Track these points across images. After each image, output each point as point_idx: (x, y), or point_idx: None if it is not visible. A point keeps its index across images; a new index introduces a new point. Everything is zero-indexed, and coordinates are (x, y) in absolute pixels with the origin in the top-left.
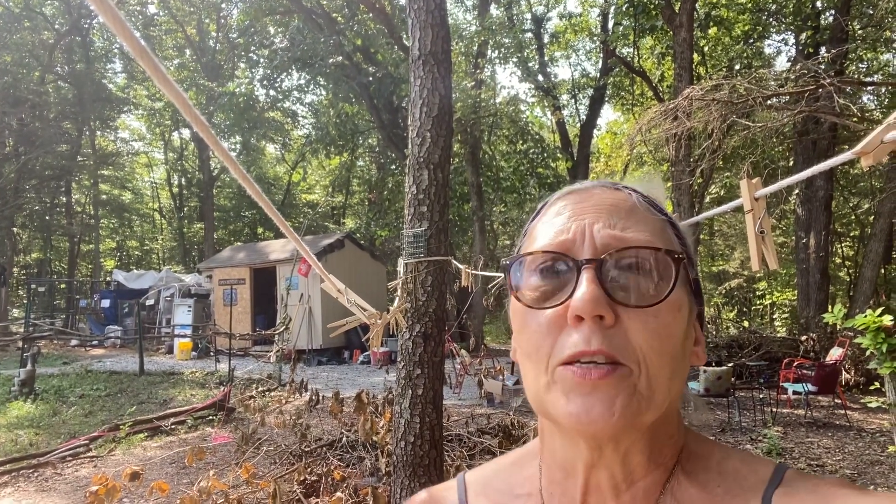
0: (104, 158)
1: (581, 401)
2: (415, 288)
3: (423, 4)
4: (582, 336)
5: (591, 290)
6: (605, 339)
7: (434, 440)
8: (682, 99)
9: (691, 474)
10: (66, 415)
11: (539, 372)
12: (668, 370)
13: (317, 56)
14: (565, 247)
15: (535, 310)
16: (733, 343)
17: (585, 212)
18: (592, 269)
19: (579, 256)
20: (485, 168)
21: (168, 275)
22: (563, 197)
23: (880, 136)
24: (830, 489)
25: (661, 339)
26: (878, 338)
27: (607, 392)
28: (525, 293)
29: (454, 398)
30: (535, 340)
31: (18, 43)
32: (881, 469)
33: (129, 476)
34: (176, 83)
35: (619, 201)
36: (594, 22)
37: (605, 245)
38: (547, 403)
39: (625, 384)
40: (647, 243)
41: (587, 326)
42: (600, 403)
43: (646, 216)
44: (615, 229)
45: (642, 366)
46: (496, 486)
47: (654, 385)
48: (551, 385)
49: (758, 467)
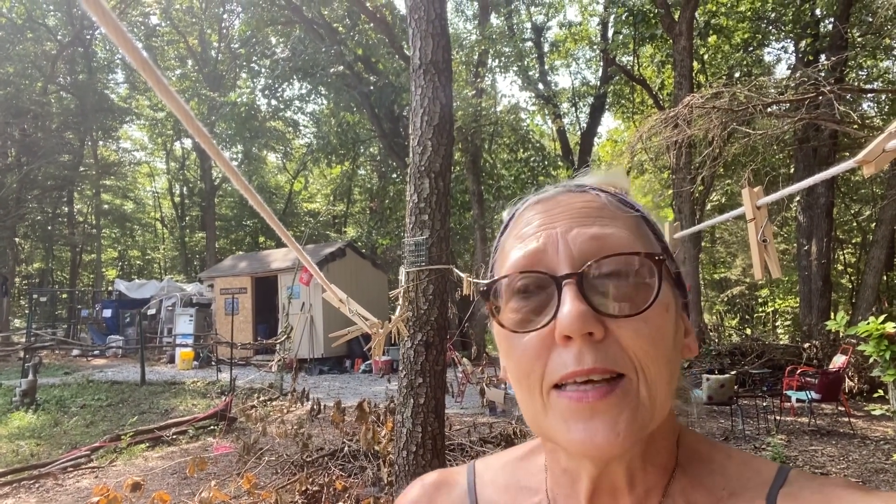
0: (106, 168)
1: (583, 426)
2: (416, 296)
3: (423, 14)
4: (573, 355)
5: (576, 308)
6: (598, 353)
7: (436, 449)
8: (682, 107)
9: (695, 477)
10: (68, 425)
11: (533, 396)
12: (667, 373)
13: (318, 66)
14: (540, 261)
15: (520, 333)
16: (736, 351)
17: (555, 220)
18: (574, 283)
19: (557, 270)
20: (486, 176)
21: (170, 284)
22: (529, 207)
23: (882, 145)
24: (835, 489)
25: (656, 344)
26: (882, 345)
27: (608, 413)
28: (507, 316)
29: (456, 407)
30: (523, 365)
31: (21, 54)
32: (886, 477)
33: (131, 487)
34: (177, 93)
35: (587, 203)
36: (594, 31)
37: (581, 253)
38: (546, 428)
39: (627, 399)
40: (625, 248)
41: (577, 345)
42: (603, 427)
43: (617, 215)
44: (592, 228)
45: (639, 373)
46: (504, 477)
47: (655, 391)
48: (547, 409)
49: (761, 468)
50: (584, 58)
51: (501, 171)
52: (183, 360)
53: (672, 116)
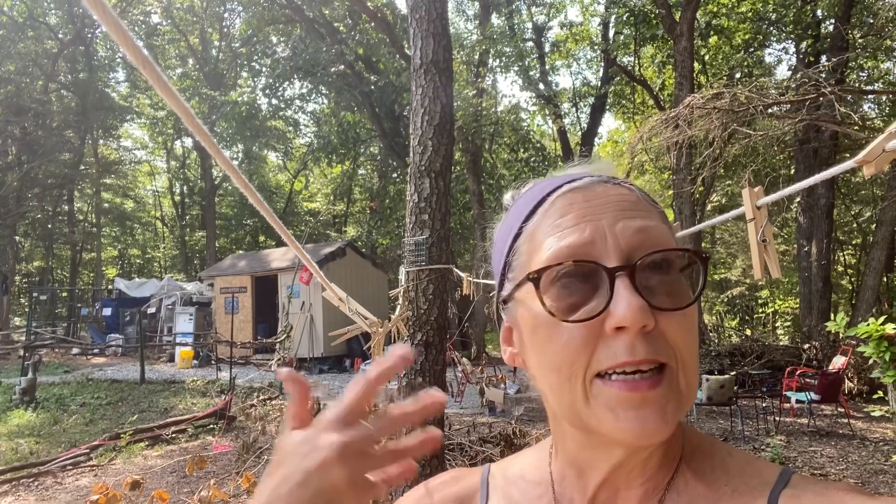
0: (106, 167)
1: (633, 414)
2: (416, 296)
3: (424, 14)
4: (625, 346)
5: (635, 301)
6: (649, 345)
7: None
8: (682, 107)
9: (697, 471)
10: (67, 423)
11: (574, 385)
12: (695, 362)
13: (319, 65)
14: (588, 252)
15: (569, 323)
16: (736, 351)
17: (597, 211)
18: (627, 276)
19: (606, 261)
20: (486, 176)
21: (170, 283)
22: (563, 195)
23: (882, 145)
24: (838, 493)
25: (692, 336)
26: (881, 346)
27: (657, 402)
28: (549, 303)
29: (456, 407)
30: (567, 354)
31: (22, 52)
32: (885, 478)
33: (130, 485)
34: (178, 92)
35: (624, 196)
36: (595, 31)
37: (630, 246)
38: (587, 417)
39: (672, 388)
40: (664, 242)
41: (630, 335)
42: (654, 415)
43: (650, 209)
44: (636, 221)
45: (679, 363)
46: (512, 471)
47: (691, 380)
48: (590, 399)
49: (762, 468)
50: (584, 58)
51: (502, 171)
52: (183, 358)
53: (673, 117)
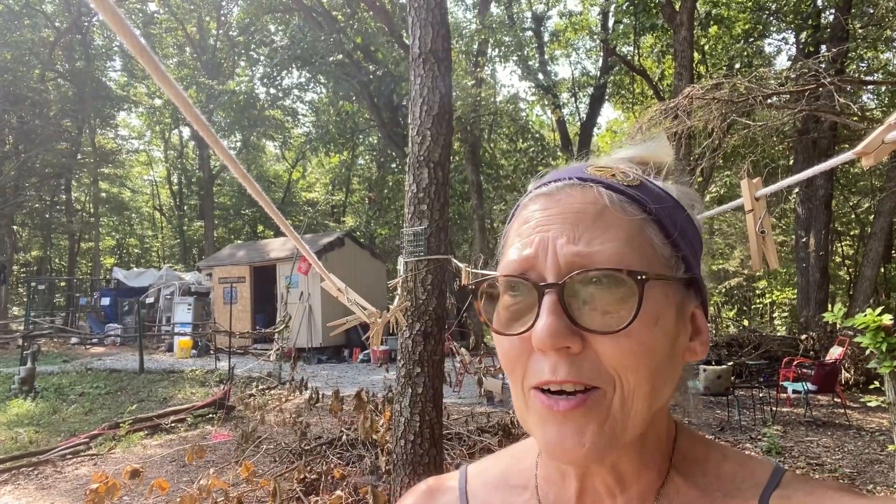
0: (104, 156)
1: (555, 430)
2: (415, 286)
3: (423, 3)
4: (548, 365)
5: (550, 323)
6: (573, 367)
7: (434, 438)
8: (682, 97)
9: (689, 477)
10: (66, 413)
11: (517, 391)
12: (648, 385)
13: (317, 54)
14: (532, 266)
15: (500, 335)
16: (733, 342)
17: (550, 222)
18: (554, 294)
19: (543, 276)
20: (485, 166)
21: (168, 273)
22: (533, 199)
23: (881, 136)
24: (827, 492)
25: (638, 357)
26: (878, 337)
27: (577, 422)
28: (499, 312)
29: (454, 397)
30: (507, 363)
31: (18, 41)
32: (881, 468)
33: (129, 474)
34: (176, 81)
35: (586, 206)
36: (594, 20)
37: (568, 264)
38: (528, 425)
39: (595, 412)
40: (611, 262)
41: (553, 356)
42: (571, 434)
43: (617, 220)
44: (578, 244)
45: (617, 385)
46: (493, 476)
47: (630, 404)
48: (528, 408)
49: (755, 469)
50: (584, 48)
51: (500, 161)
52: (181, 348)
53: (672, 107)
